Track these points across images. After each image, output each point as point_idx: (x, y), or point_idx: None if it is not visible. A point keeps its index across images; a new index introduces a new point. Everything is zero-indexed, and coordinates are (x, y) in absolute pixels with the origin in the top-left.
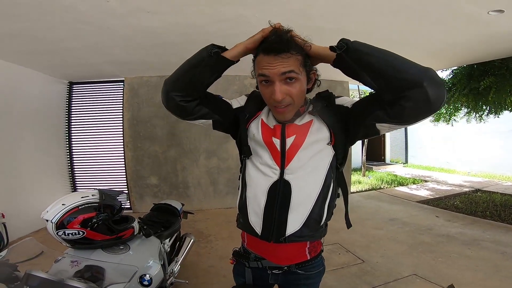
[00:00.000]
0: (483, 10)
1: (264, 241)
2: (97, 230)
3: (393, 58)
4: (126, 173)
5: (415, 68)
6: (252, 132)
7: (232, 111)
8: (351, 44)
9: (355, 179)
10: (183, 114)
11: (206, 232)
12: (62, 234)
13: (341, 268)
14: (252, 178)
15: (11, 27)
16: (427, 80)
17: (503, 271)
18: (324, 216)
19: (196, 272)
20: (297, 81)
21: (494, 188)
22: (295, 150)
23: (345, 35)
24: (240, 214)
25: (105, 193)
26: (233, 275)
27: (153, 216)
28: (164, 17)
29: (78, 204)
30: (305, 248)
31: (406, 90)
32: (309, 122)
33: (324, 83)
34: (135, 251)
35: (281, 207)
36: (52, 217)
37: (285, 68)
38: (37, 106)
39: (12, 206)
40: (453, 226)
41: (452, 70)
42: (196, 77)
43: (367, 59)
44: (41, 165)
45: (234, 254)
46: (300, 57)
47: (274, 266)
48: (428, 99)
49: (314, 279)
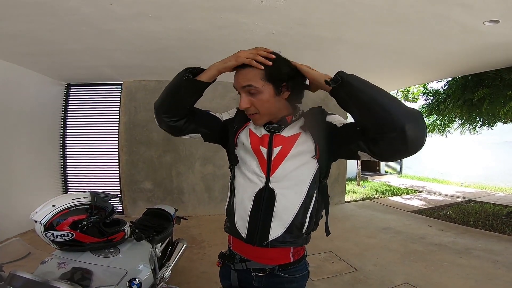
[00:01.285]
0: (479, 20)
1: (249, 245)
2: (86, 232)
3: (383, 97)
4: (120, 177)
5: (401, 110)
6: (242, 141)
7: (221, 123)
8: (346, 78)
9: (349, 188)
10: (174, 132)
11: (199, 238)
12: (51, 236)
13: (334, 276)
14: (240, 184)
15: (12, 27)
16: (409, 123)
17: (494, 279)
18: (306, 224)
19: (188, 278)
20: (258, 93)
21: (487, 198)
22: (281, 159)
23: (343, 44)
24: (228, 219)
25: (97, 195)
26: (220, 278)
27: (146, 220)
28: (164, 23)
29: (68, 206)
30: (289, 252)
31: (387, 131)
32: (296, 134)
33: (322, 92)
34: (125, 255)
35: (265, 213)
36: (41, 218)
37: (244, 82)
38: (33, 106)
39: (1, 206)
40: (445, 235)
41: (447, 81)
42: (177, 101)
43: (358, 96)
44: (33, 166)
45: (220, 256)
46: (260, 71)
47: (258, 268)
48: (406, 142)
49: (298, 282)
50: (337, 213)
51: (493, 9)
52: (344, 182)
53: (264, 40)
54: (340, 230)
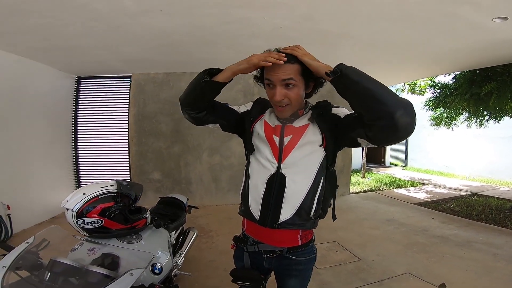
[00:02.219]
0: (487, 17)
1: (261, 226)
2: (114, 219)
3: (377, 88)
4: (130, 167)
5: (392, 100)
6: (257, 131)
7: (238, 115)
8: (345, 71)
9: (354, 180)
10: (196, 123)
11: (207, 227)
12: (82, 223)
13: (338, 265)
14: (254, 170)
15: (25, 23)
16: (399, 112)
17: (493, 272)
18: (313, 208)
19: (198, 266)
20: (294, 87)
21: (491, 192)
22: (291, 147)
23: (349, 40)
24: (242, 202)
25: (122, 183)
26: (234, 260)
27: (160, 209)
28: (174, 18)
29: (98, 194)
30: (297, 235)
31: (378, 119)
32: (305, 125)
33: (329, 84)
34: (147, 241)
35: (276, 196)
36: (73, 206)
37: (285, 76)
38: (46, 99)
39: (16, 198)
40: (448, 228)
41: (455, 74)
42: (197, 97)
43: (355, 87)
44: (47, 158)
45: (234, 239)
46: (299, 67)
47: (269, 249)
48: (396, 129)
49: (305, 265)
50: (341, 205)
51: (502, 6)
52: (349, 173)
53: (271, 35)
54: (344, 221)
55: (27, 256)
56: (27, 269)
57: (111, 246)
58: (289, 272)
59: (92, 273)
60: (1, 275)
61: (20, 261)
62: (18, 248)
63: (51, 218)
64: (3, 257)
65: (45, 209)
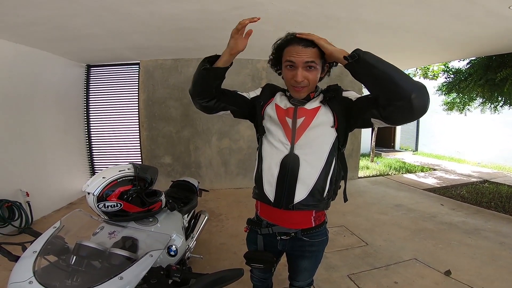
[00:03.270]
0: (504, 5)
1: (276, 208)
2: (131, 202)
3: (394, 72)
4: (141, 152)
5: (408, 82)
6: (268, 114)
7: (248, 101)
8: (363, 56)
9: (363, 164)
10: (207, 111)
11: (217, 211)
12: (102, 207)
13: (346, 250)
14: (267, 152)
15: (34, 15)
16: (415, 93)
17: (499, 260)
18: (326, 188)
19: (209, 248)
20: (314, 69)
21: (502, 180)
22: (304, 128)
23: (360, 24)
24: (256, 185)
25: (139, 167)
26: (246, 243)
27: (173, 192)
28: (182, 4)
29: (116, 177)
30: (311, 216)
31: (396, 100)
32: (317, 107)
33: (338, 68)
34: (162, 224)
35: (291, 177)
36: (94, 190)
37: (308, 58)
38: (58, 88)
39: (34, 186)
40: (456, 215)
41: (470, 60)
42: (204, 86)
43: (372, 71)
44: (61, 145)
45: (248, 222)
46: (318, 51)
47: (283, 232)
48: (412, 109)
49: (318, 246)
50: (350, 189)
51: None
52: (358, 157)
53: (280, 20)
54: (352, 205)
55: (54, 241)
56: (54, 254)
57: (130, 229)
58: (302, 253)
59: (115, 255)
60: (32, 260)
61: (48, 246)
62: (46, 233)
63: (68, 204)
64: (30, 243)
65: (62, 195)
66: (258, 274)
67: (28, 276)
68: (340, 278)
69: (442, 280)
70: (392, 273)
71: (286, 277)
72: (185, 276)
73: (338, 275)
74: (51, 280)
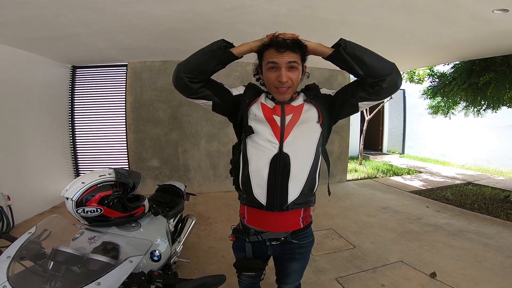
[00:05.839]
0: (488, 8)
1: (268, 212)
2: (112, 207)
3: (376, 55)
4: (128, 155)
5: (388, 63)
6: (254, 113)
7: (232, 97)
8: (348, 44)
9: (351, 167)
10: (187, 92)
11: (205, 214)
12: (81, 212)
13: (334, 252)
14: (253, 154)
15: (19, 14)
16: (394, 71)
17: (483, 261)
18: (316, 184)
19: (197, 252)
20: (296, 70)
21: (486, 181)
22: (292, 125)
23: (349, 28)
24: (244, 190)
25: (120, 172)
26: (233, 251)
27: (159, 196)
28: (170, 5)
29: (96, 182)
30: (299, 217)
31: (383, 76)
32: (301, 104)
33: (327, 72)
34: (145, 229)
35: (282, 177)
36: (73, 195)
37: (291, 58)
38: (41, 90)
39: (16, 189)
40: (441, 217)
41: (454, 64)
42: (203, 64)
43: (359, 55)
44: (44, 148)
45: (234, 232)
46: (300, 54)
47: (273, 237)
48: (395, 83)
49: (306, 248)
50: (338, 191)
51: None
52: (346, 160)
53: (270, 22)
54: (340, 208)
55: (30, 246)
56: (30, 259)
57: (110, 234)
58: (292, 255)
59: (94, 261)
60: (6, 265)
61: (23, 251)
62: (21, 238)
63: (51, 208)
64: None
65: (46, 199)
66: (246, 280)
67: (1, 282)
68: (328, 281)
69: (428, 282)
70: (379, 275)
71: (273, 280)
72: (168, 281)
73: (326, 278)
74: (26, 285)
